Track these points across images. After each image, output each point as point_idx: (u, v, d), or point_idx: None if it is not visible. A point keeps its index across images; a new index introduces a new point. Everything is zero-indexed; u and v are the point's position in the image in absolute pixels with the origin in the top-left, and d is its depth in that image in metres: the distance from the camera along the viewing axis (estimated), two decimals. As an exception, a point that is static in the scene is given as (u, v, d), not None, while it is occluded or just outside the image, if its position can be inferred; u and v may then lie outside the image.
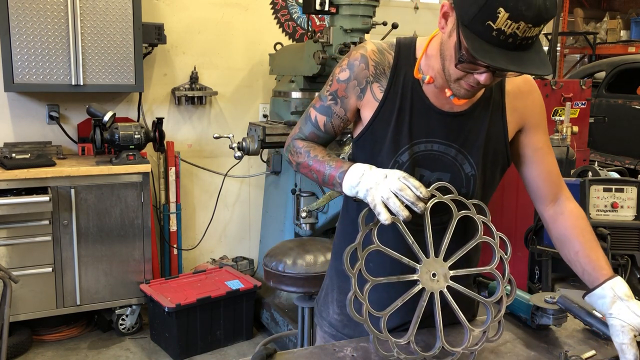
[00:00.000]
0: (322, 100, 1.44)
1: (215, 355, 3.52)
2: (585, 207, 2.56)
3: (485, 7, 1.09)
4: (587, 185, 2.58)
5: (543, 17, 1.10)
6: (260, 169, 4.43)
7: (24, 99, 3.78)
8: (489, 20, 1.09)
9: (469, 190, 1.38)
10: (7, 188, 3.27)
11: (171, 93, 4.18)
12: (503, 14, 1.08)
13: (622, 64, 5.95)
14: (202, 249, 4.41)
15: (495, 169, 1.43)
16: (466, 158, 1.37)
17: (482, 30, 1.11)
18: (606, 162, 5.71)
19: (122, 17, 3.60)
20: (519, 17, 1.08)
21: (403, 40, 1.40)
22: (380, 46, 1.39)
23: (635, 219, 2.57)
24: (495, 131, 1.38)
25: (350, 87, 1.39)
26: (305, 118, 1.48)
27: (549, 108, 3.83)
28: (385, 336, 1.23)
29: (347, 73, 1.39)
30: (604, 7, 8.64)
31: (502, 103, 1.39)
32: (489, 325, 1.30)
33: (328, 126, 1.44)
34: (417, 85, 1.35)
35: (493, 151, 1.39)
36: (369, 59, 1.37)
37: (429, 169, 1.37)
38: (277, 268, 2.49)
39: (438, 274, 1.29)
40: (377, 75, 1.37)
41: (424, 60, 1.35)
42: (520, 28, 1.09)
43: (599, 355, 1.35)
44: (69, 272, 3.46)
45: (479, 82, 1.21)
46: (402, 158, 1.35)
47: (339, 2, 3.49)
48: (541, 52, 1.16)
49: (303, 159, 1.43)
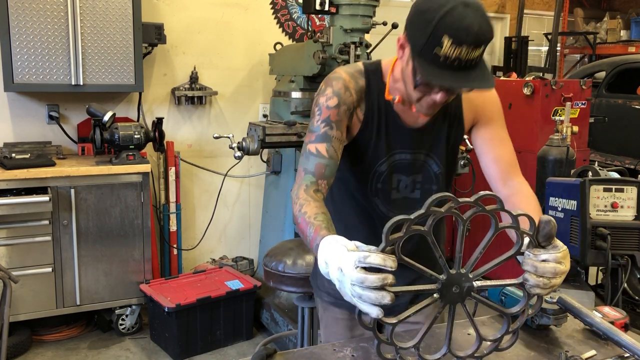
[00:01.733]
0: (316, 131, 1.50)
1: (215, 355, 3.52)
2: (585, 207, 2.56)
3: (432, 38, 1.26)
4: (587, 185, 2.58)
5: (481, 40, 1.26)
6: (260, 169, 4.43)
7: (23, 99, 3.78)
8: (436, 48, 1.26)
9: (438, 185, 1.61)
10: (7, 188, 3.27)
11: (171, 93, 4.19)
12: (447, 42, 1.25)
13: (622, 64, 5.95)
14: (202, 249, 4.41)
15: (455, 161, 1.68)
16: (433, 160, 1.60)
17: (431, 57, 1.28)
18: (606, 162, 5.71)
19: (122, 17, 3.60)
20: (460, 43, 1.24)
21: (369, 66, 1.57)
22: (352, 75, 1.54)
23: (635, 219, 2.57)
24: (454, 132, 1.60)
25: (342, 112, 1.51)
26: (306, 156, 1.48)
27: (549, 108, 3.83)
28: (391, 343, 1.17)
29: (335, 100, 1.51)
30: (604, 7, 8.64)
31: (459, 106, 1.59)
32: (502, 336, 1.25)
33: (331, 151, 1.48)
34: (389, 106, 1.54)
35: (453, 149, 1.63)
36: (349, 87, 1.52)
37: (404, 174, 1.59)
38: (277, 268, 2.49)
39: (461, 288, 1.19)
40: (359, 100, 1.53)
41: (392, 83, 1.53)
42: (463, 51, 1.25)
43: (599, 355, 1.35)
44: (68, 272, 3.46)
45: (435, 101, 1.39)
46: (381, 168, 1.56)
47: (339, 2, 3.49)
48: (485, 69, 1.32)
49: (295, 212, 1.40)
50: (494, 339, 1.25)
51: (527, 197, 1.52)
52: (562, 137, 3.22)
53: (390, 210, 1.58)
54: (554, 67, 7.04)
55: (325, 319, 1.75)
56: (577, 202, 2.60)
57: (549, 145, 3.23)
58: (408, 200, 1.59)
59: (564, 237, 2.69)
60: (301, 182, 1.45)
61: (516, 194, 1.53)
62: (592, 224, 2.54)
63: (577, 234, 2.60)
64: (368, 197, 1.58)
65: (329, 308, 1.72)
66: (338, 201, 1.65)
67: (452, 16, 1.24)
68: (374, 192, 1.58)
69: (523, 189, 1.55)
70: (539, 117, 3.83)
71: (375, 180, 1.57)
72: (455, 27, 1.24)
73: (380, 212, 1.59)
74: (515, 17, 7.23)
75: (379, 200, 1.58)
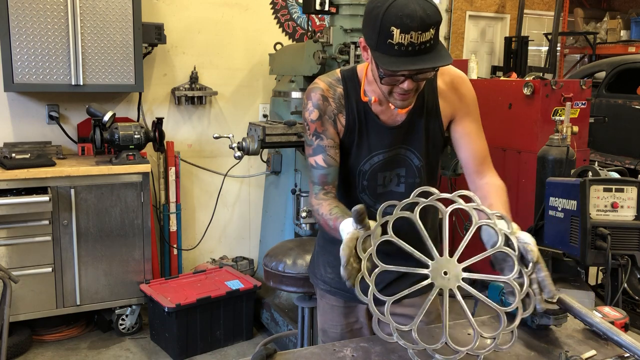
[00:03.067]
0: (310, 144, 1.66)
1: (215, 355, 3.52)
2: (585, 207, 2.56)
3: (381, 31, 1.36)
4: (587, 185, 2.58)
5: (427, 23, 1.34)
6: (260, 169, 4.43)
7: (23, 99, 3.78)
8: (389, 39, 1.36)
9: (421, 178, 1.68)
10: (7, 188, 3.27)
11: (171, 93, 4.19)
12: (396, 31, 1.34)
13: (622, 64, 5.95)
14: (202, 249, 4.41)
15: (437, 154, 1.74)
16: (414, 154, 1.67)
17: (386, 48, 1.38)
18: (606, 162, 5.71)
19: (122, 17, 3.60)
20: (408, 29, 1.34)
21: (346, 73, 1.67)
22: (330, 83, 1.65)
23: (635, 219, 2.57)
24: (432, 127, 1.67)
25: (324, 121, 1.63)
26: (310, 169, 1.67)
27: (549, 108, 3.83)
28: (387, 320, 1.26)
29: (316, 113, 1.63)
30: (604, 7, 8.63)
31: (436, 101, 1.66)
32: (499, 333, 1.28)
33: (328, 160, 1.64)
34: (367, 109, 1.63)
35: (432, 143, 1.69)
36: (327, 96, 1.63)
37: (388, 169, 1.67)
38: (277, 268, 2.49)
39: (450, 273, 1.32)
40: (338, 107, 1.64)
41: (367, 86, 1.63)
42: (414, 37, 1.35)
43: (599, 355, 1.35)
44: (68, 272, 3.46)
45: (404, 89, 1.46)
46: (364, 167, 1.66)
47: (339, 2, 3.49)
48: (442, 50, 1.41)
49: (316, 218, 1.63)
50: (491, 336, 1.28)
51: (497, 188, 1.66)
52: (562, 137, 3.22)
53: (378, 203, 1.59)
54: (554, 67, 7.03)
55: (322, 306, 1.87)
56: (577, 202, 2.60)
57: (549, 145, 3.23)
58: (393, 194, 1.68)
59: (564, 237, 2.69)
60: (311, 193, 1.67)
61: (490, 184, 1.67)
62: (592, 224, 2.54)
63: (577, 234, 2.60)
64: (356, 193, 1.70)
65: (325, 296, 1.83)
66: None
67: (395, 7, 1.34)
68: (361, 188, 1.69)
69: (495, 181, 1.68)
70: (539, 117, 3.83)
71: (360, 178, 1.68)
72: (399, 16, 1.33)
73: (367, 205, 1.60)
74: (515, 17, 7.23)
75: (366, 196, 1.69)
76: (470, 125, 1.69)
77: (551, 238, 2.80)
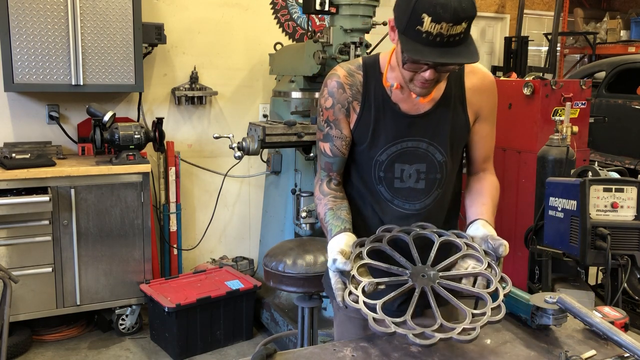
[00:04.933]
0: (321, 130, 1.66)
1: (215, 355, 3.52)
2: (585, 207, 2.56)
3: (412, 16, 1.32)
4: (587, 185, 2.58)
5: (461, 17, 1.30)
6: (260, 169, 4.43)
7: (24, 99, 3.78)
8: (418, 26, 1.32)
9: (443, 174, 1.63)
10: (7, 188, 3.27)
11: (171, 93, 4.19)
12: (427, 19, 1.30)
13: (622, 64, 5.95)
14: (202, 249, 4.41)
15: (460, 151, 1.70)
16: (436, 148, 1.61)
17: (414, 34, 1.33)
18: (606, 162, 5.70)
19: (122, 17, 3.60)
20: (439, 19, 1.29)
21: (367, 60, 1.64)
22: (349, 69, 1.62)
23: (635, 219, 2.57)
24: (458, 121, 1.62)
25: (337, 110, 1.62)
26: (319, 153, 1.69)
27: (549, 108, 3.83)
28: (380, 315, 1.30)
29: (330, 100, 1.62)
30: (604, 7, 8.63)
31: (463, 97, 1.62)
32: (488, 307, 1.32)
33: (334, 150, 1.65)
34: (387, 96, 1.59)
35: (458, 138, 1.64)
36: (344, 83, 1.60)
37: (407, 162, 1.61)
38: (277, 268, 2.49)
39: (428, 275, 1.42)
40: (354, 94, 1.60)
41: (390, 72, 1.58)
42: (444, 28, 1.30)
43: (599, 355, 1.35)
44: (69, 272, 3.46)
45: (425, 78, 1.42)
46: (381, 157, 1.61)
47: (339, 2, 3.49)
48: (471, 45, 1.37)
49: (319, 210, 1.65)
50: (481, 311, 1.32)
51: (493, 186, 1.70)
52: (562, 137, 3.22)
53: (395, 197, 1.63)
54: (554, 67, 7.03)
55: (339, 317, 1.80)
56: (577, 202, 2.60)
57: (549, 145, 3.23)
58: (413, 191, 1.63)
59: (564, 237, 2.69)
60: (319, 178, 1.71)
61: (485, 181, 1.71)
62: (592, 224, 2.54)
63: (577, 234, 2.60)
64: (373, 185, 1.65)
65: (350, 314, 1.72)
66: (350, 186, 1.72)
67: None
68: (378, 179, 1.63)
69: (493, 179, 1.73)
70: (539, 117, 3.83)
71: (377, 169, 1.62)
72: (433, 4, 1.29)
73: (384, 198, 1.64)
74: (515, 17, 7.23)
75: (382, 188, 1.64)
76: (487, 128, 1.69)
77: (551, 238, 2.80)
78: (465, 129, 1.64)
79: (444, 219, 1.69)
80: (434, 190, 1.63)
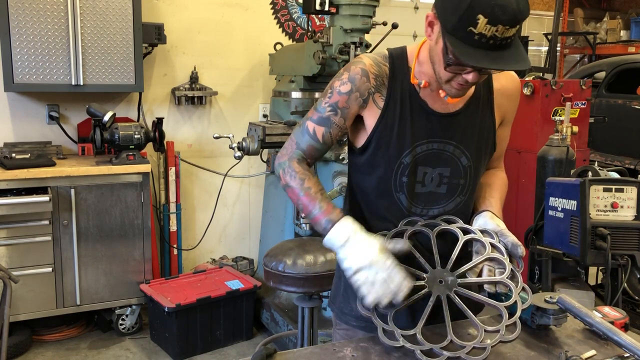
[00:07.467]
0: (320, 112, 1.50)
1: (215, 355, 3.52)
2: (585, 207, 2.56)
3: (466, 16, 1.21)
4: (587, 185, 2.57)
5: (518, 19, 1.21)
6: (260, 169, 4.43)
7: (24, 99, 3.78)
8: (470, 27, 1.21)
9: (467, 180, 1.53)
10: (7, 188, 3.27)
11: (171, 93, 4.19)
12: (482, 20, 1.20)
13: (622, 64, 5.95)
14: (202, 249, 4.41)
15: (487, 156, 1.59)
16: (463, 152, 1.51)
17: (464, 35, 1.23)
18: (606, 162, 5.70)
19: (122, 17, 3.60)
20: (496, 21, 1.20)
21: (394, 51, 1.51)
22: (375, 60, 1.49)
23: (635, 219, 2.56)
24: (486, 124, 1.54)
25: (352, 99, 1.47)
26: (302, 131, 1.53)
27: (549, 108, 3.83)
28: (391, 327, 1.29)
29: (348, 86, 1.47)
30: (604, 7, 8.63)
31: (491, 99, 1.54)
32: (503, 325, 1.31)
33: (326, 136, 1.51)
34: (414, 92, 1.47)
35: (485, 142, 1.55)
36: (369, 72, 1.46)
37: (430, 165, 1.49)
38: (277, 268, 2.49)
39: (445, 281, 1.38)
40: (378, 86, 1.47)
41: (417, 67, 1.47)
42: (499, 30, 1.21)
43: (599, 355, 1.35)
44: (69, 272, 3.46)
45: (467, 81, 1.33)
46: (405, 160, 1.48)
47: (339, 2, 3.49)
48: (520, 48, 1.28)
49: (294, 185, 1.49)
50: (494, 329, 1.30)
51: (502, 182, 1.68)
52: (562, 137, 3.22)
53: (413, 204, 1.51)
54: (554, 67, 7.03)
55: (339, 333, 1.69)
56: (577, 202, 2.59)
57: (549, 145, 3.23)
58: (434, 195, 1.51)
59: (564, 237, 2.69)
60: (292, 154, 1.53)
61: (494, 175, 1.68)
62: (592, 224, 2.54)
63: (577, 234, 2.59)
64: (391, 194, 1.51)
65: (357, 332, 1.60)
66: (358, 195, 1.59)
67: None
68: (399, 186, 1.49)
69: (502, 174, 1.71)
70: (539, 117, 3.83)
71: (399, 174, 1.48)
72: (491, 5, 1.19)
73: (401, 207, 1.51)
74: (515, 17, 7.22)
75: (402, 195, 1.50)
76: (507, 131, 1.64)
77: (551, 238, 2.80)
78: (492, 132, 1.55)
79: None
80: (455, 197, 1.53)
